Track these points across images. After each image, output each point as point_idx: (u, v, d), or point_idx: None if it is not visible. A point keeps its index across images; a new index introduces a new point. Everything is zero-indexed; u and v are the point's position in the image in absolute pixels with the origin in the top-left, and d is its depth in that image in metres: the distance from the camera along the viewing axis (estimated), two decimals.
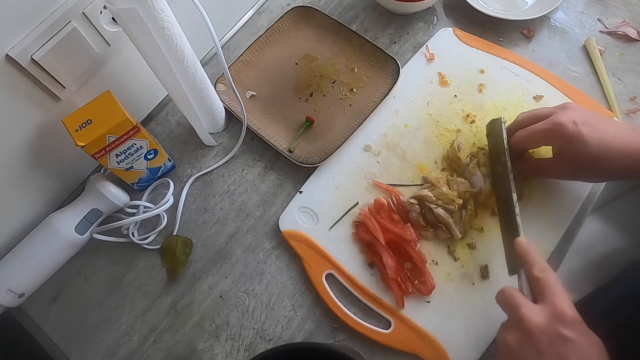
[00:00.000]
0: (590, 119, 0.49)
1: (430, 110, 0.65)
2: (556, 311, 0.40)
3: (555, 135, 0.50)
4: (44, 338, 0.58)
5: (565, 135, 0.49)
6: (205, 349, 0.55)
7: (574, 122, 0.49)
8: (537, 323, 0.40)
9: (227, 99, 0.67)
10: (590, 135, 0.48)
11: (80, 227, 0.58)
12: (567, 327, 0.40)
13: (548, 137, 0.51)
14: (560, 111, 0.51)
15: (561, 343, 0.39)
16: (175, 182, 0.64)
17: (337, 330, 0.55)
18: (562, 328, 0.40)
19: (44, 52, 0.49)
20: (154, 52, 0.49)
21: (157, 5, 0.45)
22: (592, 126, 0.49)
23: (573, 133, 0.48)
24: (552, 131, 0.50)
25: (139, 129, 0.54)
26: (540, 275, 0.43)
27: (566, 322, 0.40)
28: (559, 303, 0.41)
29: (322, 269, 0.57)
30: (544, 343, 0.40)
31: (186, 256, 0.60)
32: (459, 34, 0.70)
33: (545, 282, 0.43)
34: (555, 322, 0.40)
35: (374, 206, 0.58)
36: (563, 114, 0.50)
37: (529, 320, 0.41)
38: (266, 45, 0.72)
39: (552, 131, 0.50)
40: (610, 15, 0.70)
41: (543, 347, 0.40)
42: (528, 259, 0.46)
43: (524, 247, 0.47)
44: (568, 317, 0.40)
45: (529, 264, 0.45)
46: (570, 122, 0.49)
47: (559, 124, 0.49)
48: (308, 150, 0.64)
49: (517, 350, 0.41)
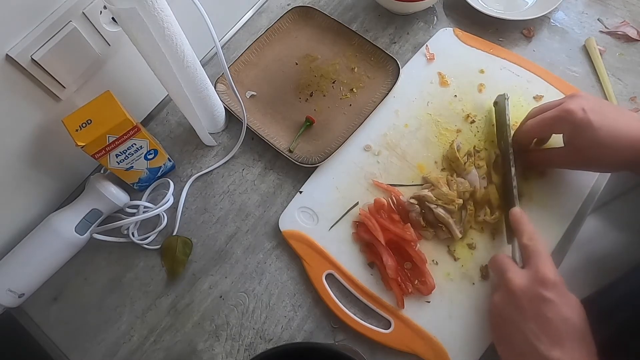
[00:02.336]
0: (600, 107, 0.49)
1: (430, 110, 0.65)
2: (538, 274, 0.44)
3: (564, 123, 0.50)
4: (44, 338, 0.58)
5: (574, 122, 0.49)
6: (205, 349, 0.55)
7: (583, 109, 0.48)
8: (519, 284, 0.44)
9: (227, 99, 0.67)
10: (599, 123, 0.48)
11: (80, 227, 0.58)
12: (547, 288, 0.43)
13: (557, 124, 0.51)
14: (569, 99, 0.51)
15: (541, 302, 0.43)
16: (175, 182, 0.64)
17: (337, 330, 0.55)
18: (542, 289, 0.43)
19: (44, 52, 0.49)
20: (154, 52, 0.49)
21: (157, 5, 0.45)
22: (602, 114, 0.48)
23: (582, 120, 0.48)
24: (561, 118, 0.50)
25: (139, 129, 0.54)
26: (528, 243, 0.47)
27: (547, 284, 0.43)
28: (541, 267, 0.44)
29: (322, 269, 0.57)
30: (525, 302, 0.43)
31: (186, 256, 0.60)
32: (459, 34, 0.70)
33: (533, 248, 0.46)
34: (536, 284, 0.44)
35: (374, 206, 0.59)
36: (572, 102, 0.50)
37: (512, 282, 0.45)
38: (266, 45, 0.72)
39: (561, 118, 0.50)
40: (610, 15, 0.70)
41: (524, 305, 0.43)
42: (519, 228, 0.49)
43: (517, 216, 0.50)
44: (549, 280, 0.43)
45: (519, 233, 0.49)
46: (579, 109, 0.48)
47: (567, 111, 0.49)
48: (308, 150, 0.64)
49: (502, 309, 0.46)
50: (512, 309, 0.44)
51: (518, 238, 0.49)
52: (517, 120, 0.62)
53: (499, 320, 0.47)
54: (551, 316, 0.42)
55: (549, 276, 0.43)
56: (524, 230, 0.48)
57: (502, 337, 0.46)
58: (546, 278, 0.43)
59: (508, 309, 0.45)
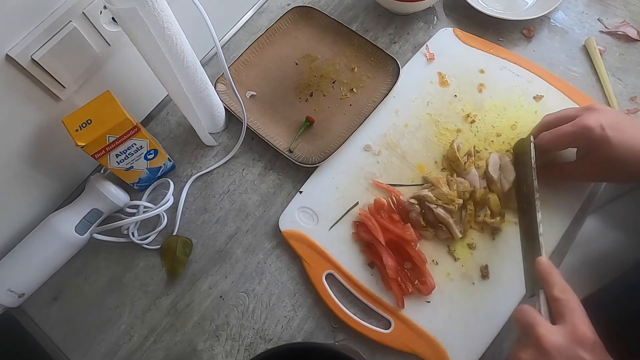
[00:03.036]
0: (617, 122, 0.49)
1: (430, 110, 0.65)
2: (576, 333, 0.39)
3: (582, 139, 0.49)
4: (44, 338, 0.58)
5: (592, 139, 0.48)
6: (205, 349, 0.55)
7: (601, 126, 0.48)
8: (555, 343, 0.39)
9: (227, 99, 0.67)
10: (617, 140, 0.47)
11: (80, 227, 0.58)
12: (587, 350, 0.38)
13: (574, 140, 0.51)
14: (587, 113, 0.50)
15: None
16: (175, 182, 0.64)
17: (337, 330, 0.55)
18: (582, 351, 0.38)
19: (44, 52, 0.49)
20: (154, 52, 0.49)
21: (157, 5, 0.45)
22: (619, 130, 0.48)
23: (600, 137, 0.48)
24: (579, 134, 0.49)
25: (139, 129, 0.54)
26: (561, 297, 0.42)
27: (585, 345, 0.39)
28: (579, 325, 0.39)
29: (322, 269, 0.57)
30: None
31: (186, 256, 0.60)
32: (459, 34, 0.70)
33: (566, 303, 0.42)
34: (574, 344, 0.39)
35: (374, 206, 0.58)
36: (590, 117, 0.49)
37: (547, 339, 0.39)
38: (266, 45, 0.72)
39: (579, 134, 0.49)
40: (610, 15, 0.70)
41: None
42: (549, 279, 0.44)
43: (545, 267, 0.45)
44: (588, 340, 0.39)
45: (549, 285, 0.44)
46: (597, 126, 0.48)
47: (586, 127, 0.48)
48: (308, 150, 0.64)
49: None
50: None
51: (547, 290, 0.44)
52: (517, 121, 0.62)
53: None
54: None
55: (588, 335, 0.39)
56: (555, 282, 0.43)
57: None
58: (585, 337, 0.39)
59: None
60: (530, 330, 0.41)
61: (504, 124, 0.62)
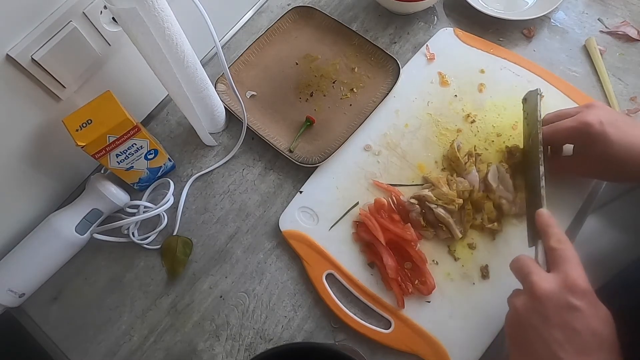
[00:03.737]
0: (617, 119, 0.49)
1: (431, 110, 0.65)
2: (568, 280, 0.40)
3: (581, 134, 0.49)
4: (44, 338, 0.58)
5: (591, 135, 0.48)
6: (206, 349, 0.55)
7: (600, 122, 0.48)
8: (545, 289, 0.40)
9: (227, 98, 0.67)
10: (615, 136, 0.47)
11: (81, 227, 0.58)
12: (577, 296, 0.39)
13: (573, 135, 0.51)
14: (587, 110, 0.50)
15: (568, 311, 0.39)
16: (175, 182, 0.64)
17: (337, 330, 0.55)
18: (571, 297, 0.39)
19: (44, 52, 0.49)
20: (154, 52, 0.49)
21: (157, 5, 0.45)
22: (618, 127, 0.48)
23: (599, 133, 0.48)
24: (578, 130, 0.49)
25: (139, 129, 0.54)
26: (557, 247, 0.43)
27: (576, 292, 0.40)
28: (571, 273, 0.41)
29: (322, 269, 0.57)
30: (550, 309, 0.40)
31: (186, 256, 0.60)
32: (459, 34, 0.70)
33: (562, 253, 0.43)
34: (564, 291, 0.40)
35: (374, 206, 0.58)
36: (590, 113, 0.49)
37: (538, 286, 0.41)
38: (266, 45, 0.72)
39: (578, 130, 0.49)
40: (610, 15, 0.70)
41: (549, 313, 0.40)
42: (547, 230, 0.45)
43: (545, 218, 0.47)
44: (579, 287, 0.40)
45: (547, 235, 0.45)
46: (597, 122, 0.48)
47: (585, 123, 0.49)
48: (308, 150, 0.64)
49: (523, 315, 0.42)
50: (535, 315, 0.41)
51: (545, 240, 0.45)
52: (518, 120, 0.62)
53: (519, 326, 0.43)
54: (578, 326, 0.39)
55: (579, 283, 0.40)
56: (552, 232, 0.45)
57: (521, 344, 0.42)
58: (576, 285, 0.40)
59: (531, 314, 0.41)
60: (524, 278, 0.43)
61: (504, 124, 0.62)
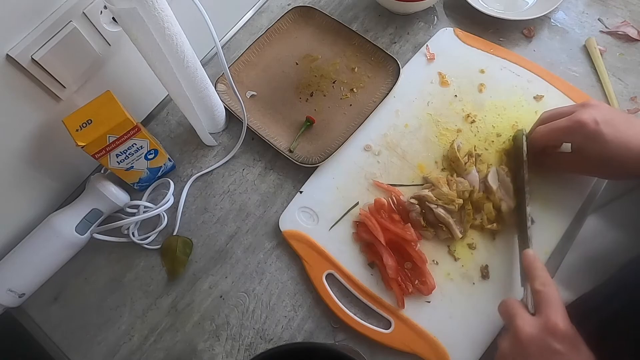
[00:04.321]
0: (612, 118, 0.49)
1: (431, 110, 0.65)
2: (549, 324, 0.41)
3: (575, 133, 0.50)
4: (44, 338, 0.58)
5: (585, 134, 0.48)
6: (206, 349, 0.55)
7: (595, 121, 0.48)
8: (527, 334, 0.42)
9: (227, 98, 0.67)
10: (611, 135, 0.47)
11: (81, 227, 0.58)
12: (557, 340, 0.40)
13: (568, 134, 0.51)
14: (582, 109, 0.50)
15: (550, 355, 0.40)
16: (175, 182, 0.64)
17: (337, 330, 0.55)
18: (552, 340, 0.40)
19: (44, 52, 0.49)
20: (154, 52, 0.49)
21: (157, 5, 0.45)
22: (614, 126, 0.48)
23: (594, 132, 0.48)
24: (573, 129, 0.50)
25: (139, 129, 0.54)
26: (540, 289, 0.44)
27: (557, 335, 0.41)
28: (552, 316, 0.42)
29: (322, 269, 0.57)
30: (533, 353, 0.41)
31: (186, 256, 0.60)
32: (459, 34, 0.70)
33: (544, 295, 0.44)
34: (545, 335, 0.41)
35: (374, 206, 0.58)
36: (585, 112, 0.49)
37: (521, 330, 0.42)
38: (266, 45, 0.72)
39: (573, 129, 0.50)
40: (610, 15, 0.70)
41: (532, 357, 0.41)
42: (532, 272, 0.47)
43: (529, 259, 0.48)
44: (559, 330, 0.41)
45: (532, 277, 0.46)
46: (591, 121, 0.48)
47: (580, 122, 0.49)
48: (308, 150, 0.64)
49: (509, 357, 0.43)
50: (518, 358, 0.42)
51: (530, 283, 0.46)
52: (518, 121, 0.62)
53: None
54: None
55: (560, 326, 0.41)
56: (537, 275, 0.46)
57: None
58: (556, 328, 0.41)
59: (515, 357, 0.42)
60: (510, 321, 0.44)
61: (504, 124, 0.62)
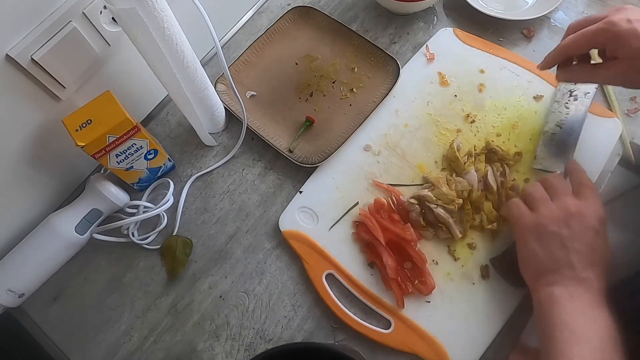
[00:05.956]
0: None
1: (431, 110, 0.65)
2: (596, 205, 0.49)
3: (607, 35, 0.48)
4: (44, 338, 0.58)
5: (619, 34, 0.47)
6: (205, 349, 0.55)
7: (627, 20, 0.46)
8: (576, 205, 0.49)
9: (227, 99, 0.67)
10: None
11: (80, 227, 0.58)
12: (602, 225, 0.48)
13: (599, 36, 0.49)
14: (613, 12, 0.49)
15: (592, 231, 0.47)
16: (175, 182, 0.64)
17: (337, 330, 0.55)
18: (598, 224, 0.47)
19: (44, 52, 0.49)
20: (154, 52, 0.49)
21: (157, 5, 0.45)
22: None
23: (628, 30, 0.46)
24: (604, 30, 0.48)
25: (139, 129, 0.54)
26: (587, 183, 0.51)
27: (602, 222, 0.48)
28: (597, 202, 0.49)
29: (322, 269, 0.57)
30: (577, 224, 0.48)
31: (186, 256, 0.60)
32: (459, 34, 0.70)
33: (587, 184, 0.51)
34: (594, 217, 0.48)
35: (374, 206, 0.58)
36: (616, 14, 0.48)
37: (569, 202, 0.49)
38: (266, 45, 0.72)
39: (604, 30, 0.48)
40: None
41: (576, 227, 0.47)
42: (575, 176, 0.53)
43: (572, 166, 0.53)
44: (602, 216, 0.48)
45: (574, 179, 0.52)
46: (623, 20, 0.47)
47: (610, 23, 0.47)
48: (308, 150, 0.64)
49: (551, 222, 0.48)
50: (562, 225, 0.47)
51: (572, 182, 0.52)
52: (518, 120, 0.62)
53: (541, 229, 0.48)
54: (596, 247, 0.46)
55: (601, 213, 0.48)
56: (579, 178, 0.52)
57: (538, 243, 0.48)
58: (601, 214, 0.48)
59: (558, 224, 0.48)
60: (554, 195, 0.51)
61: (504, 124, 0.62)
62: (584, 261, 0.46)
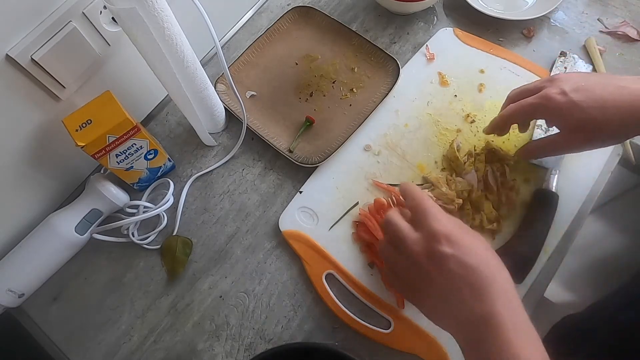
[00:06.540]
0: (583, 85, 0.48)
1: (430, 110, 0.65)
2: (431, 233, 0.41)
3: (544, 109, 0.49)
4: (44, 338, 0.58)
5: (556, 108, 0.48)
6: (205, 349, 0.55)
7: (563, 93, 0.47)
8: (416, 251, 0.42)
9: (227, 99, 0.67)
10: (586, 102, 0.46)
11: (80, 227, 0.58)
12: (442, 243, 0.40)
13: (537, 110, 0.50)
14: (548, 84, 0.50)
15: (442, 259, 0.40)
16: (175, 182, 0.64)
17: (337, 330, 0.55)
18: (438, 245, 0.40)
19: (44, 52, 0.49)
20: (154, 52, 0.49)
21: (157, 5, 0.45)
22: (586, 91, 0.47)
23: (565, 103, 0.47)
24: (540, 105, 0.49)
25: (139, 129, 0.54)
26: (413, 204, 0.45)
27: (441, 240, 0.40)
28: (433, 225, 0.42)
29: (322, 268, 0.57)
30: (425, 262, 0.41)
31: (186, 256, 0.60)
32: (459, 34, 0.70)
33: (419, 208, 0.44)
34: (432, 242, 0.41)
35: (374, 206, 0.58)
36: (551, 87, 0.49)
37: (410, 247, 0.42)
38: (266, 45, 0.72)
39: (540, 105, 0.49)
40: (610, 15, 0.70)
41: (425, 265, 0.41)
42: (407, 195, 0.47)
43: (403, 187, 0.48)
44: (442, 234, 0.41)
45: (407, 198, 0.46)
46: (558, 94, 0.47)
47: (546, 98, 0.48)
48: (308, 150, 0.64)
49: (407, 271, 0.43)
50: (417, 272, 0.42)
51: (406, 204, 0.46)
52: None
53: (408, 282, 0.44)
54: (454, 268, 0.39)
55: (441, 231, 0.41)
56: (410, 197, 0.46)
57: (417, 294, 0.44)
58: (439, 233, 0.41)
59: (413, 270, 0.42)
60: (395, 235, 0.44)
61: None
62: (469, 293, 0.39)
